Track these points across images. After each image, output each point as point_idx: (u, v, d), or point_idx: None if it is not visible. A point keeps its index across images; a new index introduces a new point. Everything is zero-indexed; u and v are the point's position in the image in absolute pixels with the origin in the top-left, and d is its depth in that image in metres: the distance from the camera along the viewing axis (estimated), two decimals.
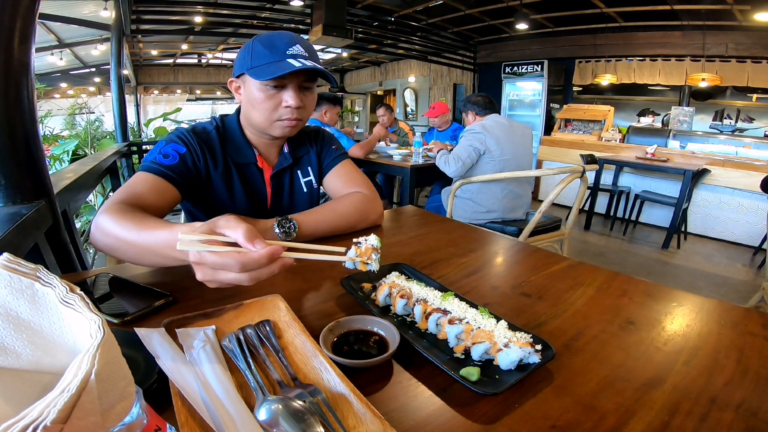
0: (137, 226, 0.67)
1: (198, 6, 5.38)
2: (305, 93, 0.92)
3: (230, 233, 0.50)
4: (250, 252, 0.49)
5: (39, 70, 7.82)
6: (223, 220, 0.51)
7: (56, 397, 0.19)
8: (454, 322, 0.52)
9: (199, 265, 0.50)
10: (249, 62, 0.88)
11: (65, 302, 0.27)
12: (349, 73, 11.97)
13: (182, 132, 0.94)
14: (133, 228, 0.67)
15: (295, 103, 0.89)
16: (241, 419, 0.38)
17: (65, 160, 3.53)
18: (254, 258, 0.48)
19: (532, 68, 6.15)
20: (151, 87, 11.24)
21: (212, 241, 0.50)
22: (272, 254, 0.49)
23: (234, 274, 0.49)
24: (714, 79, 4.86)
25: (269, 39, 0.88)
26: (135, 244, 0.67)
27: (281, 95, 0.89)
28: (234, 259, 0.48)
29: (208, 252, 0.49)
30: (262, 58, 0.86)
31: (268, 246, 0.49)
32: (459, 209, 2.50)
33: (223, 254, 0.49)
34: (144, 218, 0.70)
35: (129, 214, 0.71)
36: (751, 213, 3.89)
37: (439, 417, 0.42)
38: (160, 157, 0.87)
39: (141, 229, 0.67)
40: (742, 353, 0.53)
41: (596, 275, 0.78)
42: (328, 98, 3.25)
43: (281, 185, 1.04)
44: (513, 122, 2.51)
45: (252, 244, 0.49)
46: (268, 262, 0.49)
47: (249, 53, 0.89)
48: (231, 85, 0.97)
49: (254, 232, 0.50)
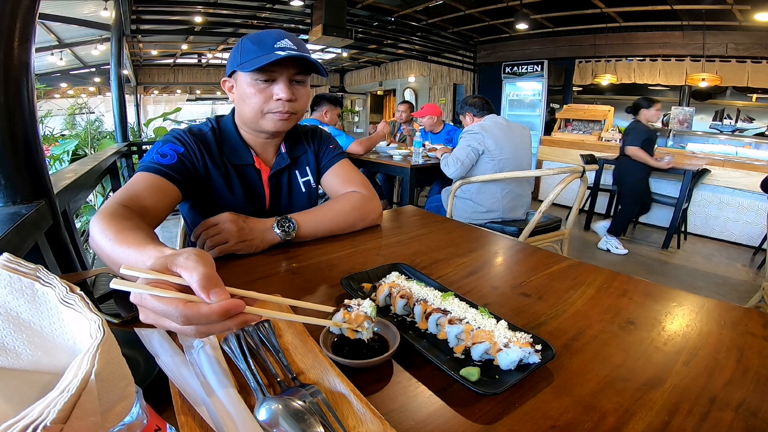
0: (115, 238, 0.64)
1: (198, 6, 5.38)
2: (297, 87, 0.92)
3: (185, 275, 0.40)
4: (199, 304, 0.39)
5: (39, 70, 7.82)
6: (183, 257, 0.41)
7: (56, 397, 0.19)
8: (454, 322, 0.52)
9: (141, 306, 0.40)
10: (239, 59, 0.89)
11: (65, 302, 0.27)
12: (349, 73, 11.97)
13: (179, 132, 0.94)
14: (111, 238, 0.64)
15: (285, 96, 0.89)
16: (241, 419, 0.38)
17: (65, 160, 3.53)
18: (202, 312, 0.38)
19: (532, 68, 6.14)
20: (151, 87, 11.24)
21: (158, 282, 0.40)
22: (228, 310, 0.38)
23: (177, 325, 0.39)
24: (714, 79, 4.86)
25: (258, 36, 0.89)
26: (108, 256, 0.65)
27: (272, 88, 0.89)
28: (177, 309, 0.38)
29: (149, 295, 0.38)
30: (251, 53, 0.87)
31: (225, 299, 0.39)
32: (459, 209, 2.50)
33: (164, 301, 0.38)
34: (126, 230, 0.65)
35: (114, 223, 0.67)
36: (751, 213, 3.89)
37: (439, 417, 0.42)
38: (158, 156, 0.87)
39: (117, 242, 0.63)
40: (742, 353, 0.53)
41: (596, 275, 0.78)
42: (329, 99, 3.26)
43: (279, 186, 1.04)
44: (511, 122, 2.51)
45: (207, 294, 0.39)
46: (221, 318, 0.39)
47: (239, 51, 0.90)
48: (224, 84, 0.97)
49: (214, 280, 0.40)
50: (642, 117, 3.54)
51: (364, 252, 0.90)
